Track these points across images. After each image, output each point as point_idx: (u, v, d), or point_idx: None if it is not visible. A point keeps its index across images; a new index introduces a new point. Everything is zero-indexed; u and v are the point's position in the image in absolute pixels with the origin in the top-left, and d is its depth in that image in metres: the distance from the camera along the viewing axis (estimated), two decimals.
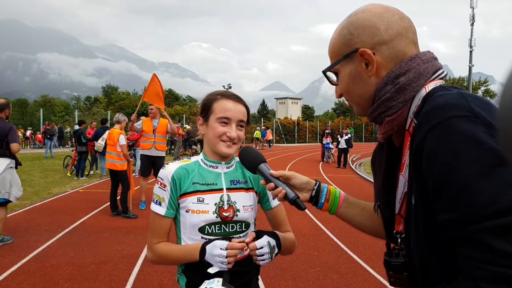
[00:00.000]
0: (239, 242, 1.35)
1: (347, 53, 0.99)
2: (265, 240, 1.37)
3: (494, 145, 0.73)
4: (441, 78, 0.96)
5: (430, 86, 0.92)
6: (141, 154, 7.60)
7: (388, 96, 0.95)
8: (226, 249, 1.31)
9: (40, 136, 25.82)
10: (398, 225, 1.01)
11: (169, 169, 1.45)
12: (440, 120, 0.79)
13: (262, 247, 1.35)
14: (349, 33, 0.99)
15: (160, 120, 7.27)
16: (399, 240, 1.00)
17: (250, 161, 1.35)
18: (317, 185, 1.24)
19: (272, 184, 1.25)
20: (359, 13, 0.99)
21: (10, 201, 5.17)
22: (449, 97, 0.84)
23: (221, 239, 1.37)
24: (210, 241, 1.37)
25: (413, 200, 0.91)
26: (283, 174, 1.26)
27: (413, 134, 0.88)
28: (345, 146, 15.98)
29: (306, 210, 7.58)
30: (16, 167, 5.17)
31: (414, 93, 0.92)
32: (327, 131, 18.22)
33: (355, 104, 1.07)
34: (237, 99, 1.47)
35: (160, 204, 1.44)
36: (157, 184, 1.46)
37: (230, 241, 1.35)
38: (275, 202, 1.60)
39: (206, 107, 1.48)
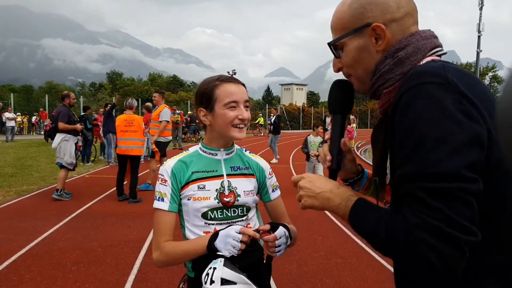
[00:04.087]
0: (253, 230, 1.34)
1: (358, 26, 0.99)
2: (281, 230, 1.37)
3: (457, 113, 0.78)
4: (440, 56, 0.98)
5: (425, 60, 0.94)
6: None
7: (387, 69, 0.96)
8: (240, 233, 1.31)
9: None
10: (388, 195, 1.05)
11: (168, 164, 1.48)
12: (414, 84, 0.84)
13: (280, 237, 1.35)
14: (361, 7, 0.99)
15: (158, 108, 7.56)
16: None
17: (337, 102, 1.16)
18: (361, 173, 1.23)
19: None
20: None
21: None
22: (430, 65, 0.89)
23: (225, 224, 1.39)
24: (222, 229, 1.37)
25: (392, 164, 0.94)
26: (348, 148, 1.16)
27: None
28: None
29: None
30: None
31: (411, 66, 0.94)
32: (329, 119, 18.17)
33: (357, 79, 1.06)
34: (236, 81, 1.47)
35: (162, 200, 1.45)
36: (158, 181, 1.48)
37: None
38: (274, 194, 1.61)
39: (207, 97, 1.44)
